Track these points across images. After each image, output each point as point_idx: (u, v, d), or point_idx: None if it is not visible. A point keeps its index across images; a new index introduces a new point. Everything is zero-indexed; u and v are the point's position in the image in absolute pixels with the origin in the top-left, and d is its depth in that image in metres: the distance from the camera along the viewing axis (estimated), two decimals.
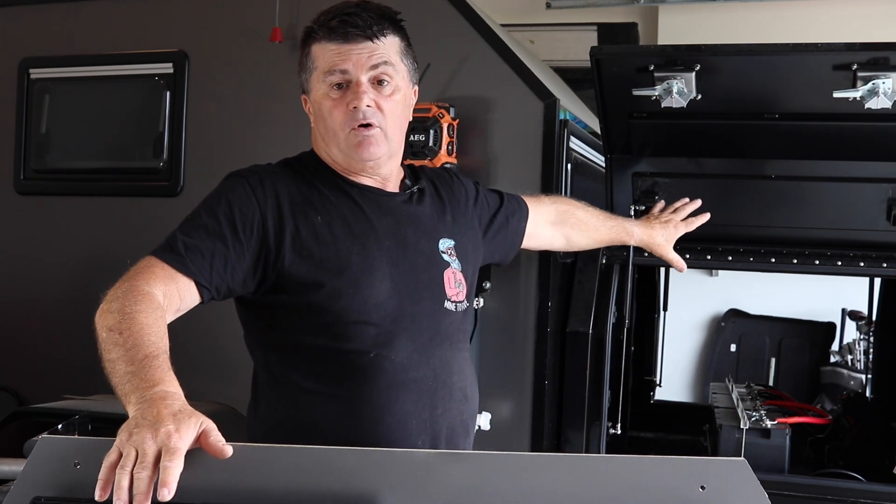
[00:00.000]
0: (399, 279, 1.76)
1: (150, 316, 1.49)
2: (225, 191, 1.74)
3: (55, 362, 3.43)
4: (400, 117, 1.80)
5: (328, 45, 1.73)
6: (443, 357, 1.80)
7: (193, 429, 1.24)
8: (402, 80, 1.79)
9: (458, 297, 1.85)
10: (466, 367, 1.88)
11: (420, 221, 1.85)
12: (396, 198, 1.85)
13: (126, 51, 3.35)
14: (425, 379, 1.77)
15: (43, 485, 1.22)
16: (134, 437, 1.21)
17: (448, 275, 1.83)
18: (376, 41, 1.73)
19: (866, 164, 2.62)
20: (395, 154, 1.83)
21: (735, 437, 2.67)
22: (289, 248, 1.70)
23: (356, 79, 1.72)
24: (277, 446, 1.29)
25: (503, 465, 1.25)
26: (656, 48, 3.27)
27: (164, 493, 1.15)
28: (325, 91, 1.75)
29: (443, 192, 1.96)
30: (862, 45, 2.29)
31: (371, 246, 1.75)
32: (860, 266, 2.58)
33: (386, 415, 1.72)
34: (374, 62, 1.73)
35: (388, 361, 1.73)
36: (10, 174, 3.51)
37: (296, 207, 1.73)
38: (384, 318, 1.73)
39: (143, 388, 1.32)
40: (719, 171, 2.80)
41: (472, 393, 1.89)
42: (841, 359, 5.18)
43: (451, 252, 1.86)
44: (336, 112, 1.74)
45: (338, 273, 1.71)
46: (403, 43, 1.81)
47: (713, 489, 1.19)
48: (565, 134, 2.72)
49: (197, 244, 1.65)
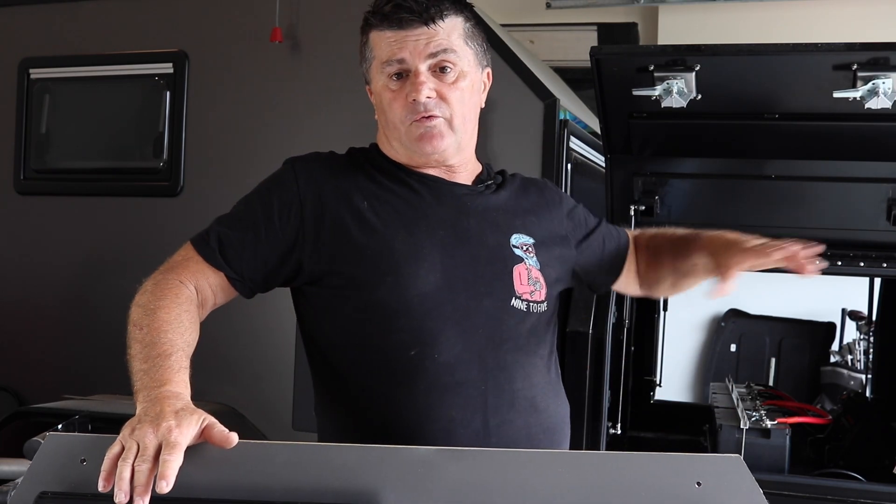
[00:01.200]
0: (453, 271, 1.60)
1: (172, 312, 1.47)
2: (271, 178, 1.69)
3: (55, 362, 3.43)
4: (467, 105, 1.65)
5: (384, 32, 1.61)
6: (502, 360, 1.59)
7: (195, 425, 1.25)
8: (467, 65, 1.63)
9: (532, 295, 1.65)
10: (537, 375, 1.64)
11: (489, 213, 1.69)
12: (463, 188, 1.69)
13: (126, 51, 3.35)
14: (476, 383, 1.57)
15: (50, 481, 1.24)
16: (136, 431, 1.24)
17: (520, 270, 1.65)
18: (433, 26, 1.59)
19: (866, 164, 2.62)
20: (464, 145, 1.68)
21: (735, 437, 2.67)
22: (328, 235, 1.61)
23: (414, 68, 1.59)
24: (278, 443, 1.29)
25: (503, 462, 1.26)
26: (656, 48, 3.27)
27: (161, 485, 1.17)
28: (385, 82, 1.62)
29: (532, 193, 1.80)
30: (862, 45, 2.29)
31: (420, 234, 1.61)
32: (860, 266, 2.58)
33: (426, 422, 1.54)
34: (433, 49, 1.59)
35: (431, 361, 1.55)
36: (10, 174, 3.51)
37: (341, 194, 1.64)
38: (429, 312, 1.57)
39: (151, 387, 1.34)
40: (719, 171, 2.81)
41: (545, 404, 1.64)
42: (841, 359, 5.18)
43: (527, 248, 1.68)
44: (396, 104, 1.61)
45: (377, 259, 1.58)
46: (468, 24, 1.65)
47: (709, 485, 1.20)
48: (565, 134, 2.73)
49: (230, 235, 1.61)
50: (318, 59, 3.13)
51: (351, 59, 3.04)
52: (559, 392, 1.71)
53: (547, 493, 1.22)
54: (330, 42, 3.12)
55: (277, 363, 3.10)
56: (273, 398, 3.10)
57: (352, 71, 3.12)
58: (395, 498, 1.22)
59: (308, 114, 3.13)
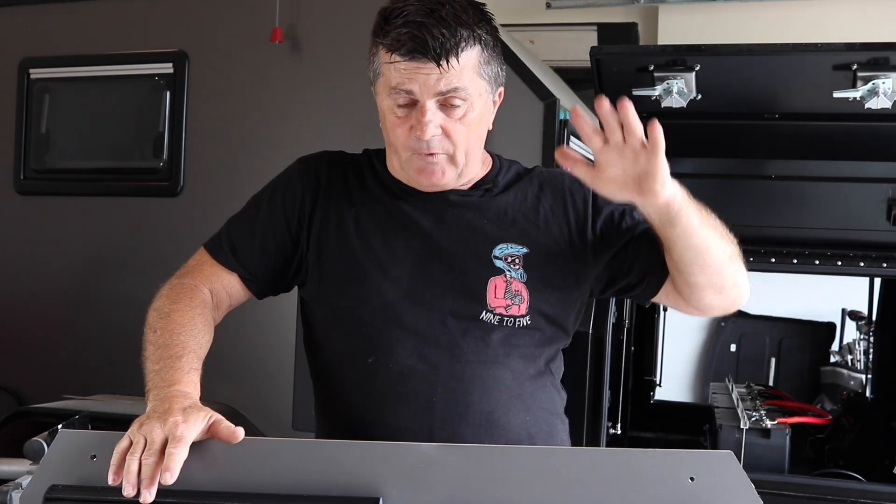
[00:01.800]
0: (420, 282, 1.59)
1: (185, 315, 1.52)
2: (279, 176, 1.72)
3: (55, 362, 3.43)
4: (473, 137, 1.61)
5: (395, 56, 1.53)
6: (459, 373, 1.57)
7: (201, 422, 1.30)
8: (478, 97, 1.58)
9: (507, 310, 1.60)
10: (500, 390, 1.59)
11: (477, 222, 1.64)
12: (449, 196, 1.65)
13: (126, 51, 3.35)
14: (426, 394, 1.56)
15: (60, 476, 1.28)
16: (144, 427, 1.29)
17: (496, 283, 1.60)
18: (446, 65, 1.51)
19: (866, 164, 2.62)
20: (466, 172, 1.64)
21: (735, 437, 2.68)
22: (313, 236, 1.64)
23: (422, 103, 1.54)
24: (282, 439, 1.33)
25: (502, 458, 1.29)
26: (656, 48, 3.27)
27: (166, 476, 1.22)
28: (391, 105, 1.57)
29: (548, 193, 1.71)
30: (862, 45, 2.29)
31: (396, 243, 1.62)
32: (860, 266, 2.59)
33: (376, 428, 1.56)
34: (443, 89, 1.53)
35: (385, 369, 1.57)
36: (10, 174, 3.51)
37: (332, 197, 1.66)
38: (389, 322, 1.58)
39: (162, 386, 1.39)
40: (719, 171, 2.81)
41: (506, 419, 1.59)
42: (841, 359, 5.18)
43: (513, 260, 1.63)
44: (399, 130, 1.58)
45: (347, 266, 1.61)
46: (485, 52, 1.57)
47: (701, 480, 1.23)
48: (565, 134, 2.73)
49: (241, 237, 1.65)
50: (318, 59, 3.13)
51: (351, 59, 3.05)
52: (535, 407, 1.63)
53: (544, 488, 1.25)
54: (330, 42, 3.11)
55: (277, 363, 3.10)
56: (273, 398, 3.11)
57: (352, 71, 3.14)
58: (396, 493, 1.25)
59: (308, 114, 3.13)
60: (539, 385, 1.64)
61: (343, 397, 1.63)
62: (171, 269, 1.65)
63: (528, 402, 1.62)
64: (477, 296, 1.60)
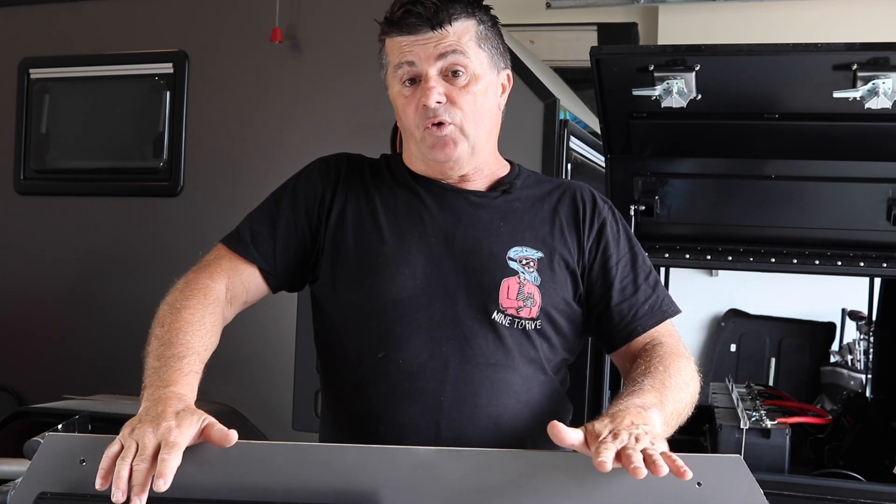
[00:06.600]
0: (434, 279, 1.59)
1: (196, 313, 1.49)
2: (299, 173, 1.72)
3: (55, 362, 3.43)
4: (480, 109, 1.61)
5: (396, 38, 1.60)
6: (469, 374, 1.55)
7: (195, 426, 1.26)
8: (480, 68, 1.60)
9: (519, 311, 1.59)
10: (509, 394, 1.58)
11: (494, 222, 1.65)
12: (468, 195, 1.66)
13: (126, 51, 3.35)
14: (435, 393, 1.55)
15: (49, 481, 1.24)
16: (136, 431, 1.25)
17: (509, 284, 1.59)
18: (440, 30, 1.57)
19: (866, 164, 2.62)
20: (479, 149, 1.64)
21: (735, 437, 2.67)
22: (329, 229, 1.64)
23: (424, 72, 1.57)
24: (277, 443, 1.30)
25: (502, 462, 1.26)
26: (656, 48, 3.27)
27: (159, 483, 1.17)
28: (399, 88, 1.61)
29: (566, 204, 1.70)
30: (862, 45, 2.29)
31: (411, 240, 1.61)
32: (860, 266, 2.58)
33: (380, 425, 1.55)
34: (441, 51, 1.56)
35: (394, 366, 1.56)
36: (10, 174, 3.51)
37: (349, 196, 1.66)
38: (401, 318, 1.57)
39: (158, 386, 1.35)
40: (719, 171, 2.81)
41: (513, 424, 1.58)
42: (841, 359, 5.17)
43: (527, 262, 1.62)
44: (409, 109, 1.60)
45: (360, 263, 1.60)
46: (481, 26, 1.62)
47: (709, 485, 1.20)
48: (565, 134, 2.73)
49: (261, 230, 1.64)
50: (318, 59, 3.14)
51: (350, 58, 3.05)
52: (542, 415, 1.59)
53: (547, 493, 1.22)
54: (330, 42, 3.12)
55: (277, 363, 3.11)
56: (273, 398, 3.11)
57: (351, 71, 3.14)
58: (394, 498, 1.22)
59: (308, 114, 3.13)
60: (547, 394, 1.64)
61: (351, 392, 1.61)
62: (171, 268, 1.64)
63: (535, 409, 1.61)
64: (489, 295, 1.59)
